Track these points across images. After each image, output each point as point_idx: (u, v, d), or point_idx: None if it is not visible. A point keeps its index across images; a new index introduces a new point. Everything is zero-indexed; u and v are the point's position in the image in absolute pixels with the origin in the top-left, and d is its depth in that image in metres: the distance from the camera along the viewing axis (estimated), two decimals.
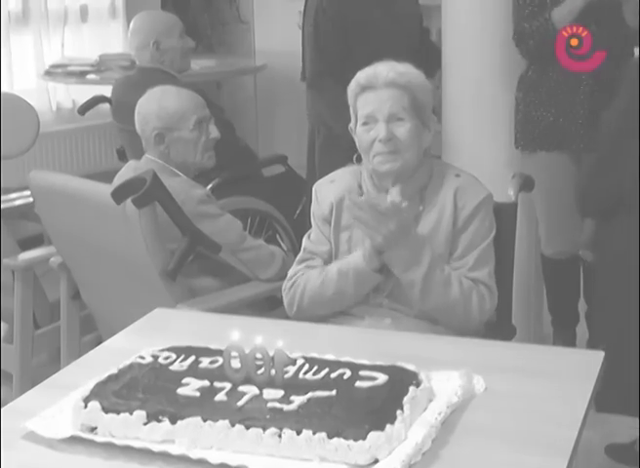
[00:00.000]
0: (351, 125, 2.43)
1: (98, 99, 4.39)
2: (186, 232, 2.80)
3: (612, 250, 2.79)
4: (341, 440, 1.51)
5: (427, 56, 3.84)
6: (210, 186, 3.64)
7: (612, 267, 2.82)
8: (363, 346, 1.98)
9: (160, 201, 2.74)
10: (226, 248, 2.90)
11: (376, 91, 2.36)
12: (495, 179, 2.74)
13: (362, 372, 1.71)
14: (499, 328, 2.51)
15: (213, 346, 1.83)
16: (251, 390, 1.66)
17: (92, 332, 3.28)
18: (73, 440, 1.61)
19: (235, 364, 1.70)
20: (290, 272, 2.49)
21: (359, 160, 2.44)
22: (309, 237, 2.50)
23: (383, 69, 2.36)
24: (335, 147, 3.53)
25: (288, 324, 2.29)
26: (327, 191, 2.48)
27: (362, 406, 1.60)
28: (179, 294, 2.78)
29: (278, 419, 1.57)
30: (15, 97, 4.09)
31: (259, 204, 3.58)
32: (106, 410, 1.62)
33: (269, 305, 3.05)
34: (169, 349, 1.85)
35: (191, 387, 1.68)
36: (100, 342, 2.38)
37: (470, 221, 2.39)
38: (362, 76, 2.38)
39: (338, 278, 2.38)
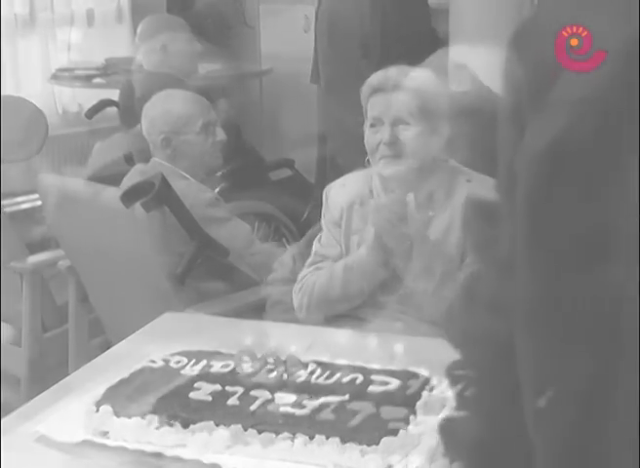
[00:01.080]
0: (364, 127, 2.43)
1: (105, 103, 4.39)
2: (195, 236, 2.79)
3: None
4: (355, 445, 1.50)
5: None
6: (217, 190, 3.64)
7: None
8: (375, 351, 1.97)
9: (169, 204, 2.74)
10: (234, 252, 2.89)
11: (385, 94, 2.35)
12: None
13: (374, 377, 1.70)
14: None
15: (224, 350, 1.83)
16: (263, 394, 1.65)
17: (100, 336, 3.27)
18: (85, 444, 1.61)
19: (247, 368, 1.69)
20: (300, 275, 2.48)
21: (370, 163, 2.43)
22: (320, 241, 2.50)
23: (395, 72, 2.35)
24: (350, 153, 3.49)
25: (299, 328, 2.28)
26: (337, 195, 2.47)
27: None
28: (187, 298, 2.77)
29: (291, 424, 1.56)
30: (23, 100, 4.09)
31: (266, 207, 3.58)
32: (118, 415, 1.62)
33: None
34: (180, 353, 1.84)
35: (203, 391, 1.68)
36: (108, 345, 2.37)
37: None
38: (374, 78, 2.38)
39: (343, 273, 2.37)
